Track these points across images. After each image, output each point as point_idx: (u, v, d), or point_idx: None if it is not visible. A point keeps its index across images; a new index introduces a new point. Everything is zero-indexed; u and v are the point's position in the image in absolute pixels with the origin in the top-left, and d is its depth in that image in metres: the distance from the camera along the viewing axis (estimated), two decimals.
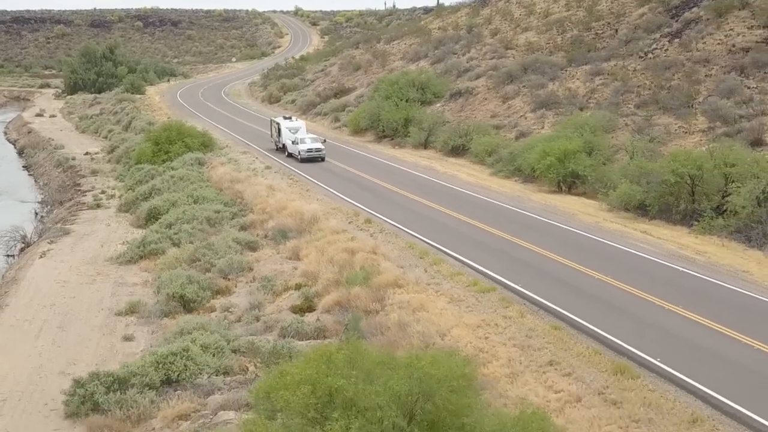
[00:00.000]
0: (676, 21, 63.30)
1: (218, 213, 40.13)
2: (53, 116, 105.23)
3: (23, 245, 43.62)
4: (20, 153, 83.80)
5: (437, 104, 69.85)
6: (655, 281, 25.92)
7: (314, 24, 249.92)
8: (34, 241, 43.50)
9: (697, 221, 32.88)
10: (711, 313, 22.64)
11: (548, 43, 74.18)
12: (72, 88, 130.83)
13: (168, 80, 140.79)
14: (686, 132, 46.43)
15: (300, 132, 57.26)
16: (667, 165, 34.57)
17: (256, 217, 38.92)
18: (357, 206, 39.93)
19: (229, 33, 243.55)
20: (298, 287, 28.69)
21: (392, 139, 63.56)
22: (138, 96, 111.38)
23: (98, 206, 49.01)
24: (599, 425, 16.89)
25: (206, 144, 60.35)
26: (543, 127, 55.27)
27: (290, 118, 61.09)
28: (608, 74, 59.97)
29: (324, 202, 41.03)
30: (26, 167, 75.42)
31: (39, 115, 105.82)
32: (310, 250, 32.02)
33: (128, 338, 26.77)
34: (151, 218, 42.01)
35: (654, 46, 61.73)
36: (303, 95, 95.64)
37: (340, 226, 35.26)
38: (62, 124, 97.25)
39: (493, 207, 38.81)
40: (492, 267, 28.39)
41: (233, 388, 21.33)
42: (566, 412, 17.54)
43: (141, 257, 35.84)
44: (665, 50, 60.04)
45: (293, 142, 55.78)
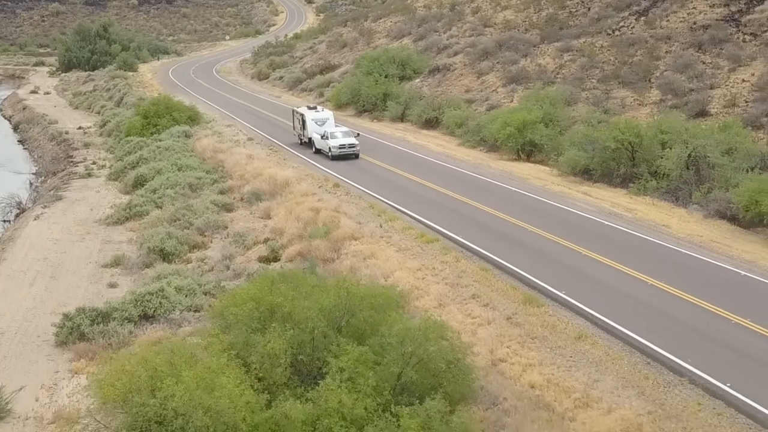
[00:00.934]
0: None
1: (199, 179, 43.21)
2: (47, 93, 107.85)
3: (19, 211, 46.73)
4: (15, 128, 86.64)
5: (416, 80, 72.74)
6: (582, 233, 29.09)
7: (310, 2, 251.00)
8: (29, 207, 46.61)
9: (634, 184, 36.05)
10: (622, 258, 25.82)
11: (524, 21, 77.00)
12: (66, 66, 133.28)
13: (158, 58, 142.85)
14: (640, 104, 49.54)
15: (328, 124, 49.85)
16: (610, 133, 37.67)
17: (234, 183, 42.03)
18: (328, 173, 43.03)
19: (224, 11, 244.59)
20: (266, 241, 31.87)
21: (371, 113, 66.51)
22: (130, 73, 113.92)
23: (89, 175, 52.03)
24: (501, 341, 20.15)
25: (193, 118, 63.23)
26: (512, 101, 58.18)
27: (315, 108, 52.93)
28: (577, 51, 62.93)
29: (298, 170, 44.10)
30: (21, 142, 78.31)
31: (33, 92, 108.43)
32: (280, 210, 35.20)
33: (112, 285, 29.95)
34: (138, 185, 45.05)
35: (621, 24, 64.66)
36: (290, 72, 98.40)
37: (310, 190, 38.37)
38: (56, 101, 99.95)
39: (454, 173, 41.90)
40: (440, 222, 31.60)
41: (201, 321, 24.53)
42: (477, 332, 20.80)
43: (127, 219, 38.97)
44: (632, 28, 62.96)
45: (322, 137, 48.28)
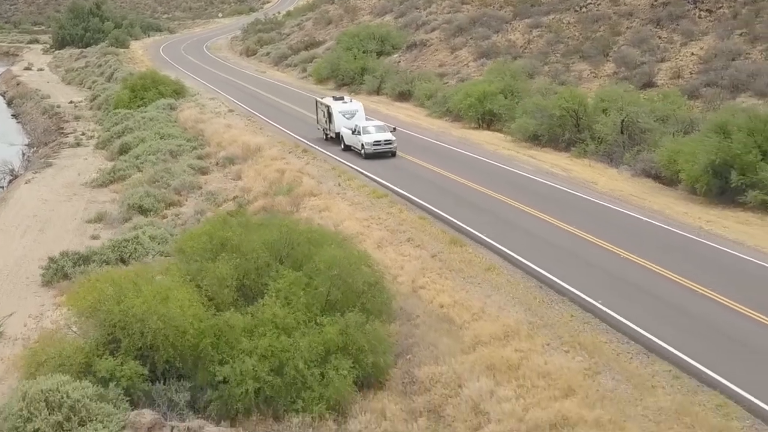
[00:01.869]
0: None
1: (180, 147, 46.38)
2: (41, 70, 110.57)
3: (12, 177, 49.84)
4: (9, 103, 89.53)
5: (395, 55, 75.71)
6: (516, 189, 32.33)
7: None
8: (21, 174, 49.75)
9: (576, 147, 39.26)
10: (544, 209, 29.04)
11: None
12: (60, 44, 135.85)
13: (148, 35, 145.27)
14: (595, 77, 52.73)
15: (358, 117, 43.86)
16: (556, 102, 40.82)
17: (212, 150, 45.23)
18: (299, 140, 46.20)
19: None
20: (235, 198, 35.13)
21: (349, 87, 69.50)
22: (122, 50, 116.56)
23: (78, 145, 55.13)
24: (423, 273, 23.49)
25: (178, 91, 66.21)
26: (481, 75, 61.16)
27: (342, 99, 46.41)
28: (545, 27, 65.92)
29: (272, 137, 47.23)
30: (15, 116, 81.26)
31: (27, 69, 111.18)
32: (250, 172, 38.46)
33: (95, 237, 33.21)
34: (123, 152, 48.16)
35: (589, 1, 67.55)
36: (277, 48, 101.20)
37: (280, 155, 41.56)
38: (49, 77, 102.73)
39: (416, 139, 45.02)
40: (391, 180, 34.89)
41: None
42: (405, 267, 24.16)
43: (111, 182, 42.21)
44: (598, 5, 65.89)
45: (353, 132, 41.97)
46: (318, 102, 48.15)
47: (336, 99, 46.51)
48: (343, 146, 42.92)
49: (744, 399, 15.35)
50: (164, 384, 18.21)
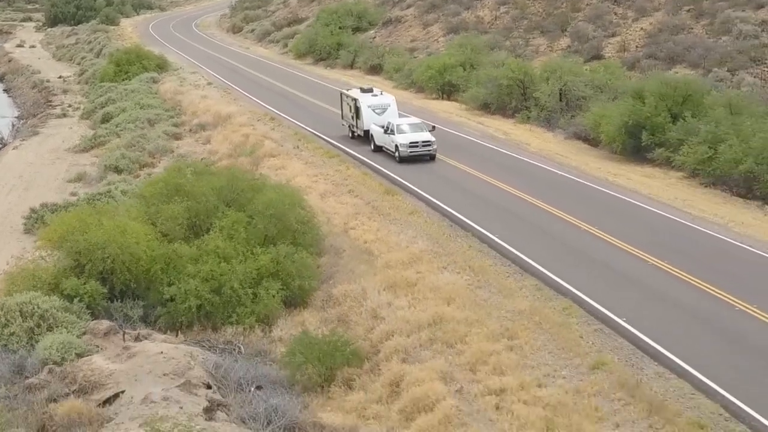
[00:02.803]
0: None
1: (158, 115, 49.61)
2: (33, 47, 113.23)
3: (1, 146, 53.07)
4: (1, 79, 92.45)
5: (371, 31, 78.72)
6: (456, 150, 35.57)
7: None
8: (9, 142, 52.98)
9: (520, 114, 42.57)
10: (473, 165, 32.44)
11: None
12: (52, 21, 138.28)
13: (138, 13, 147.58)
14: (551, 50, 55.87)
15: (389, 113, 37.46)
16: (504, 72, 44.06)
17: (187, 118, 48.52)
18: (269, 109, 49.44)
19: None
20: (202, 159, 38.42)
21: (326, 61, 72.61)
22: (112, 27, 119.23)
23: (64, 116, 58.36)
24: (356, 217, 26.98)
25: (161, 66, 69.28)
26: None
27: (371, 91, 39.82)
28: (512, 3, 68.92)
29: (244, 107, 50.42)
30: (6, 90, 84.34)
31: (19, 46, 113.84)
32: (218, 137, 41.79)
33: (74, 194, 36.49)
34: (105, 121, 51.38)
35: None
36: (261, 25, 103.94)
37: (248, 122, 44.81)
38: (40, 54, 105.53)
39: None
40: (344, 143, 38.17)
41: None
42: (340, 212, 27.58)
43: (92, 147, 45.52)
44: None
45: (385, 131, 35.70)
46: (343, 94, 41.22)
47: (364, 91, 39.81)
48: (374, 147, 36.55)
49: (585, 302, 18.85)
50: (121, 302, 21.66)
